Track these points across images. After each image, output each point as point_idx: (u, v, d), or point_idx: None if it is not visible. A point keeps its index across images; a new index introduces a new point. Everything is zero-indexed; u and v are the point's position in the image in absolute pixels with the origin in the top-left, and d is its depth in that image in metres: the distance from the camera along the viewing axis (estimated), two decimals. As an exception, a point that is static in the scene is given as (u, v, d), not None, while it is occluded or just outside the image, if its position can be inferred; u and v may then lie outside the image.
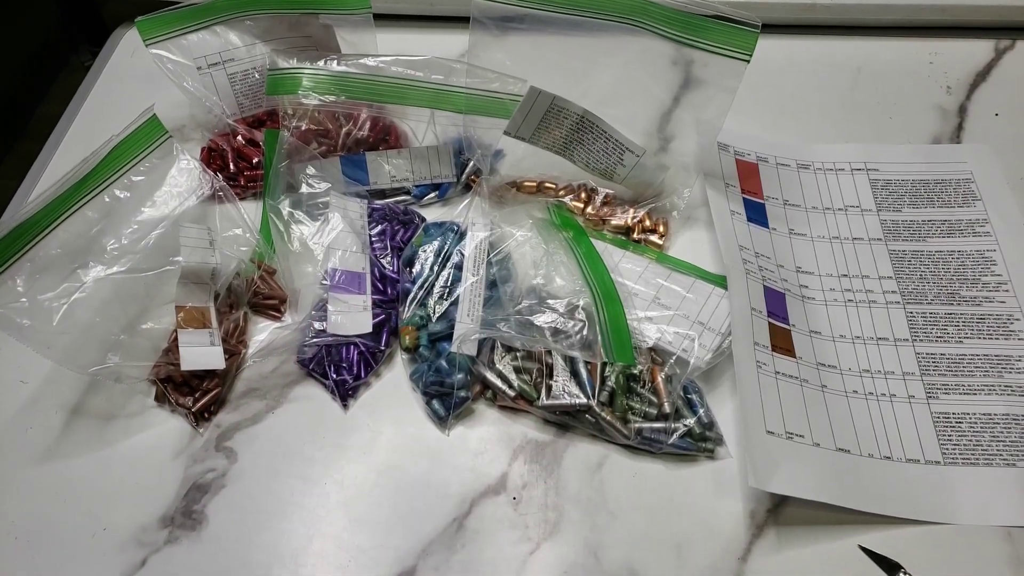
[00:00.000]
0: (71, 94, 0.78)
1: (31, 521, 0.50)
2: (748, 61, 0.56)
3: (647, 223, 0.62)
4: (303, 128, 0.64)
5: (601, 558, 0.48)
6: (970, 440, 0.51)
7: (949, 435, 0.51)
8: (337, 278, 0.56)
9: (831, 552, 0.47)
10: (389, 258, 0.59)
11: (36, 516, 0.51)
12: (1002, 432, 0.51)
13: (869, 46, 0.77)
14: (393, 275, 0.59)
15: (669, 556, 0.47)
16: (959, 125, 0.70)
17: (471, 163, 0.65)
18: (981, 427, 0.51)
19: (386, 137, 0.67)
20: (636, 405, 0.52)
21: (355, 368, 0.55)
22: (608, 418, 0.51)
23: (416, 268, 0.58)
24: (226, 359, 0.53)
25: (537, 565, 0.47)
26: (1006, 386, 0.53)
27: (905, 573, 0.46)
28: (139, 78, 0.76)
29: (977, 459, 0.50)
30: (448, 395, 0.53)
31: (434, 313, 0.56)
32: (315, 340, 0.55)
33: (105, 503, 0.51)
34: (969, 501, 0.48)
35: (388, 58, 0.62)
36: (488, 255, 0.58)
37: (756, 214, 0.62)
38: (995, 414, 0.52)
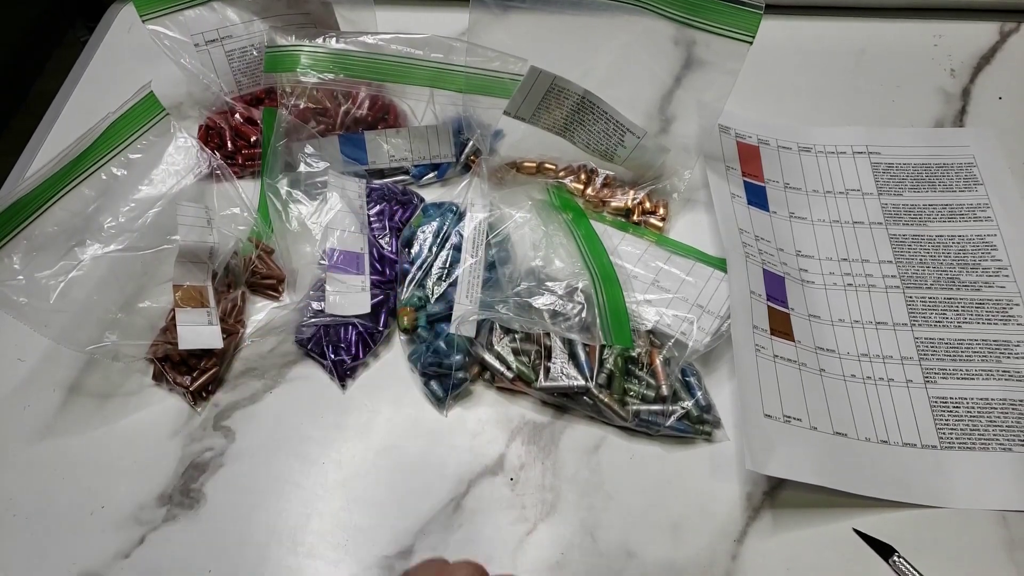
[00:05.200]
0: (67, 70, 0.78)
1: (29, 498, 0.51)
2: (751, 43, 0.55)
3: (647, 205, 0.62)
4: (301, 106, 0.63)
5: (597, 539, 0.48)
6: (967, 425, 0.51)
7: (946, 420, 0.51)
8: (335, 258, 0.56)
9: (826, 535, 0.47)
10: (388, 238, 0.59)
11: (34, 493, 0.51)
12: (999, 417, 0.51)
13: (872, 28, 0.76)
14: (391, 256, 0.59)
15: (665, 537, 0.48)
16: (962, 108, 0.69)
17: (470, 143, 0.64)
18: (978, 412, 0.51)
19: (385, 116, 0.66)
20: (634, 387, 0.52)
21: (353, 349, 0.55)
22: (606, 400, 0.51)
23: (415, 249, 0.58)
24: (224, 339, 0.53)
25: (534, 545, 0.48)
26: (1004, 371, 0.53)
27: (899, 556, 0.46)
28: (136, 54, 0.75)
29: (973, 444, 0.50)
30: (446, 376, 0.53)
31: (432, 294, 0.56)
32: (313, 320, 0.55)
33: (103, 481, 0.51)
34: (965, 485, 0.49)
35: (387, 36, 0.61)
36: (487, 236, 0.58)
37: (756, 197, 0.62)
38: (992, 399, 0.52)
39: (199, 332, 0.52)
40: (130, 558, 0.48)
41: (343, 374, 0.55)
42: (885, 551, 0.46)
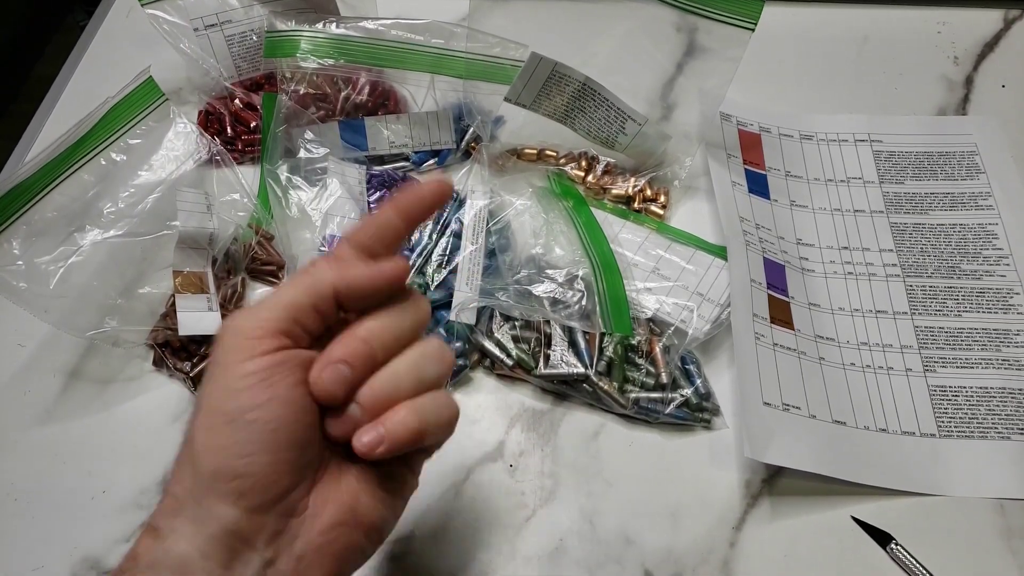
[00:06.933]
0: (66, 54, 0.77)
1: (30, 483, 0.51)
2: (753, 30, 0.55)
3: (648, 192, 0.62)
4: (301, 92, 0.63)
5: (596, 525, 0.48)
6: (966, 413, 0.51)
7: (945, 408, 0.51)
8: (335, 245, 0.56)
9: (824, 522, 0.48)
10: (388, 225, 0.59)
11: (35, 478, 0.51)
12: (998, 406, 0.51)
13: (876, 15, 0.76)
14: (392, 242, 0.58)
15: (664, 524, 0.48)
16: (965, 96, 0.69)
17: (471, 130, 0.64)
18: (977, 400, 0.51)
19: (385, 102, 0.66)
20: (634, 375, 0.52)
21: (353, 335, 0.55)
22: (605, 388, 0.51)
23: (414, 236, 0.58)
24: (224, 325, 0.53)
25: (533, 531, 0.48)
26: (1003, 360, 0.53)
27: (897, 544, 0.46)
28: (135, 39, 0.75)
29: (972, 432, 0.50)
30: (446, 363, 0.53)
31: (432, 281, 0.55)
32: (313, 307, 0.55)
33: (104, 466, 0.51)
34: (962, 473, 0.49)
35: (388, 21, 0.61)
36: (487, 224, 0.58)
37: (757, 185, 0.62)
38: (991, 388, 0.52)
39: (199, 318, 0.52)
40: (131, 542, 0.48)
41: (343, 361, 0.54)
42: (883, 539, 0.47)
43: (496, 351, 0.53)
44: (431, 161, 0.65)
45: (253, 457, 0.28)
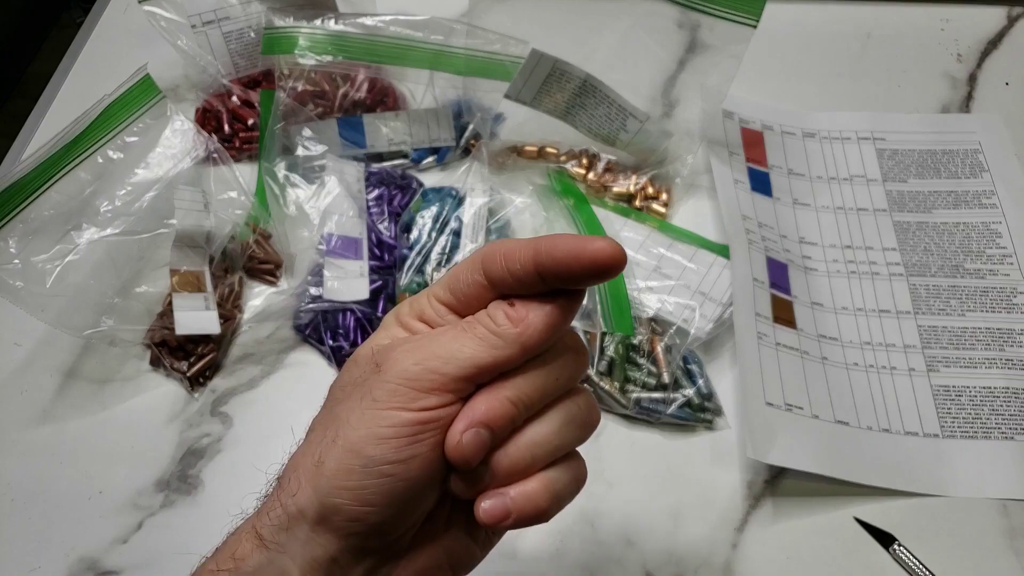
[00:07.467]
0: (63, 51, 0.77)
1: (28, 483, 0.50)
2: (755, 26, 0.54)
3: (649, 190, 0.61)
4: (299, 89, 0.62)
5: (597, 526, 0.48)
6: (969, 413, 0.51)
7: (948, 408, 0.51)
8: (333, 243, 0.56)
9: (827, 523, 0.47)
10: (386, 223, 0.59)
11: (32, 478, 0.51)
12: (1001, 406, 0.51)
13: (879, 12, 0.75)
14: (390, 241, 0.58)
15: (666, 525, 0.48)
16: (968, 94, 0.69)
17: (471, 127, 0.64)
18: (981, 400, 0.51)
19: (384, 99, 0.65)
20: (635, 375, 0.51)
21: (351, 334, 0.54)
22: (607, 388, 0.50)
23: (414, 234, 0.58)
24: (221, 324, 0.53)
25: (533, 532, 0.47)
26: (1007, 360, 0.53)
27: (900, 545, 0.46)
28: (132, 36, 0.74)
29: (975, 432, 0.50)
30: (445, 362, 0.53)
31: (432, 280, 0.55)
32: (311, 306, 0.55)
33: (101, 466, 0.51)
34: (966, 474, 0.48)
35: (387, 17, 0.60)
36: (487, 222, 0.57)
37: (760, 183, 0.61)
38: (995, 388, 0.51)
39: (196, 317, 0.52)
40: (128, 543, 0.48)
41: (341, 360, 0.54)
42: (886, 540, 0.46)
43: (496, 350, 0.52)
44: (430, 159, 0.64)
45: (376, 508, 0.28)
